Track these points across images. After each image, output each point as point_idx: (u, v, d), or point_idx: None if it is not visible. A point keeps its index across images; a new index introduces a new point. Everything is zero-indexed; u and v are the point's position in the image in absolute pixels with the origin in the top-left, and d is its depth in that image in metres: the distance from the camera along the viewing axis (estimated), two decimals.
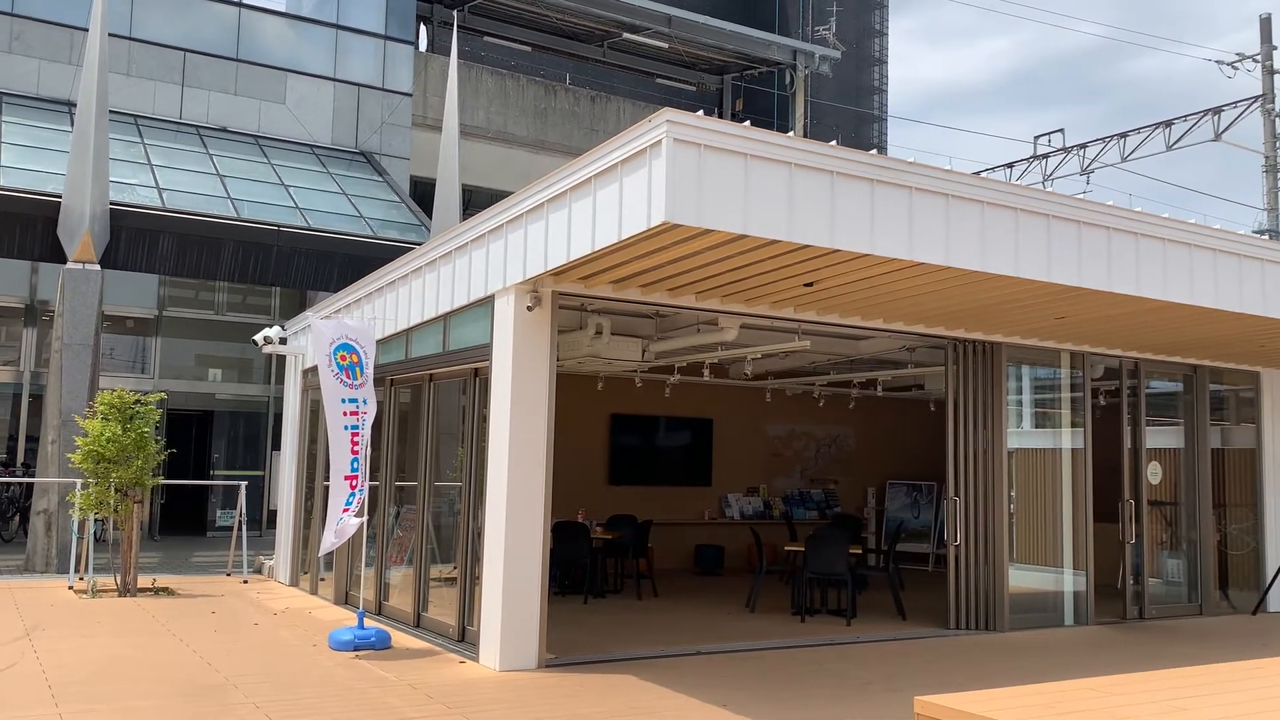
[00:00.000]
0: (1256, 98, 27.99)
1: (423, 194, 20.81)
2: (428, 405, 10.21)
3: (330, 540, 9.31)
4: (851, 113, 33.29)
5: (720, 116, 7.72)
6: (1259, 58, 28.11)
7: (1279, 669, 5.15)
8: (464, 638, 9.02)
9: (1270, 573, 12.86)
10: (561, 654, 8.77)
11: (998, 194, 7.91)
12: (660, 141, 6.52)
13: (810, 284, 8.58)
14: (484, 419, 8.83)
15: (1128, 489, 11.97)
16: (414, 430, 10.53)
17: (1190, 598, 12.50)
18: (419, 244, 15.26)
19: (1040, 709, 4.13)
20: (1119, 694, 4.45)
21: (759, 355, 11.91)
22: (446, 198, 18.20)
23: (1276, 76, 27.95)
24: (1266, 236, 24.06)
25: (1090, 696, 4.40)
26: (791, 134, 7.02)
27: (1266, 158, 28.62)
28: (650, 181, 6.59)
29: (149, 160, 17.69)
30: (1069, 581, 11.40)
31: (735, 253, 7.45)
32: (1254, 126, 28.92)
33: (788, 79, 28.80)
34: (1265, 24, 28.47)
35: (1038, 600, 11.23)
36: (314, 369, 13.21)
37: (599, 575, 12.70)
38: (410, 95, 22.00)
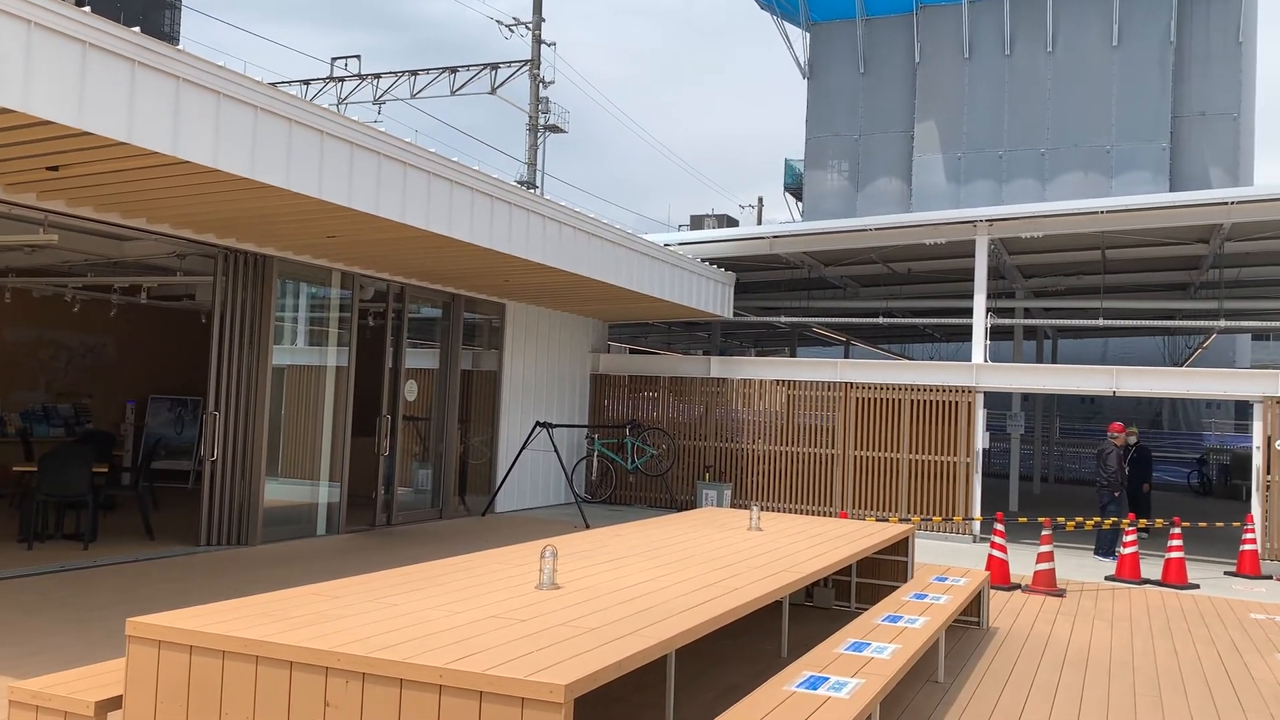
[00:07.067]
0: (526, 62, 31.47)
1: None
2: None
3: None
4: None
5: None
6: (530, 26, 31.60)
7: (474, 562, 5.86)
8: None
9: (499, 479, 14.76)
10: None
11: (272, 101, 7.69)
12: None
13: (55, 168, 7.53)
14: None
15: (386, 405, 12.75)
16: None
17: (434, 503, 13.81)
18: None
19: (259, 617, 4.15)
20: (340, 595, 4.67)
21: None
22: None
23: (543, 46, 31.71)
24: (525, 187, 27.20)
25: (312, 599, 4.54)
26: None
27: (531, 117, 32.41)
28: None
29: None
30: (324, 493, 11.82)
31: None
32: (525, 86, 32.49)
33: None
34: None
35: (293, 512, 11.45)
36: None
37: None
38: None
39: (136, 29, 6.70)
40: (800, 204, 36.73)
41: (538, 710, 3.36)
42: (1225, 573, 12.33)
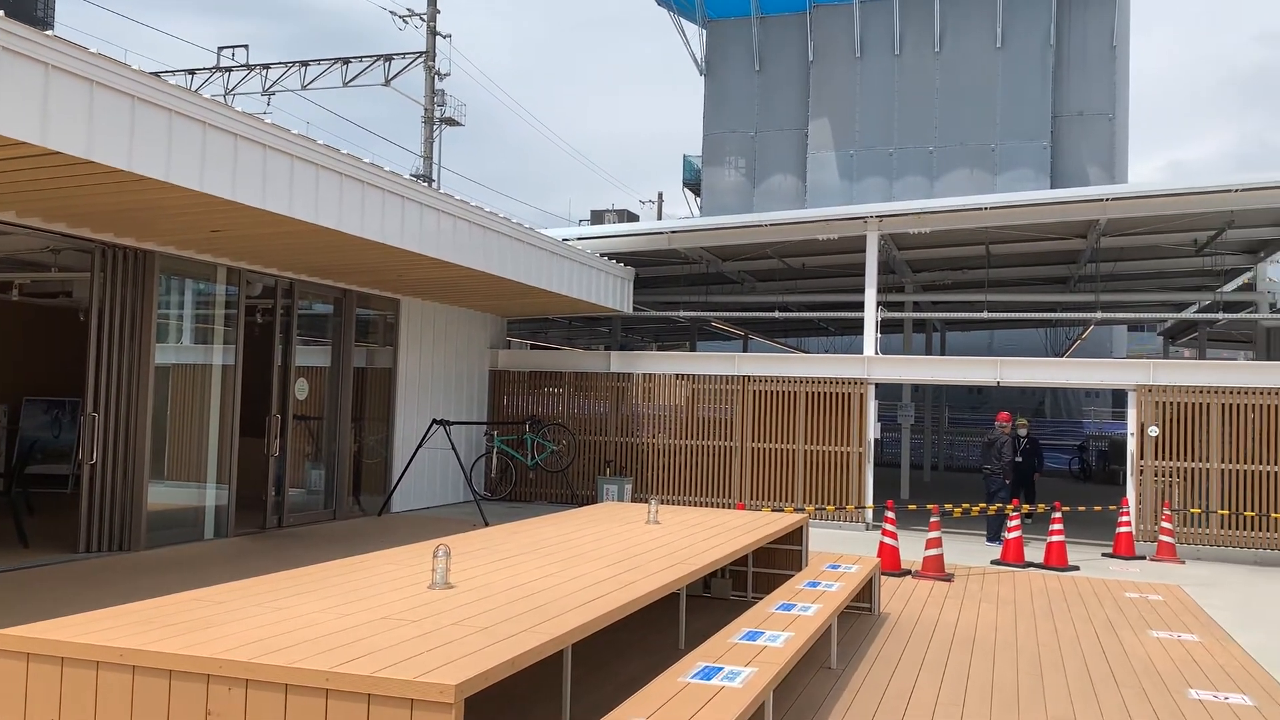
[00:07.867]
0: (422, 53, 31.00)
1: None
2: None
3: None
4: None
5: None
6: (425, 17, 31.12)
7: (366, 563, 5.76)
8: None
9: (395, 478, 14.51)
10: None
11: (151, 91, 7.40)
12: None
13: None
14: None
15: (276, 404, 12.41)
16: None
17: (327, 504, 13.51)
18: None
19: (137, 625, 4.00)
20: (225, 599, 4.53)
21: None
22: None
23: (438, 38, 31.26)
24: (422, 181, 26.72)
25: (195, 605, 4.40)
26: None
27: (426, 109, 31.94)
28: None
29: None
30: (211, 496, 11.45)
31: None
32: (420, 78, 31.97)
33: None
34: None
35: (179, 516, 11.07)
36: None
37: None
38: None
39: (0, 11, 6.38)
40: (699, 199, 37.02)
41: (427, 711, 3.32)
42: (1103, 554, 12.88)
